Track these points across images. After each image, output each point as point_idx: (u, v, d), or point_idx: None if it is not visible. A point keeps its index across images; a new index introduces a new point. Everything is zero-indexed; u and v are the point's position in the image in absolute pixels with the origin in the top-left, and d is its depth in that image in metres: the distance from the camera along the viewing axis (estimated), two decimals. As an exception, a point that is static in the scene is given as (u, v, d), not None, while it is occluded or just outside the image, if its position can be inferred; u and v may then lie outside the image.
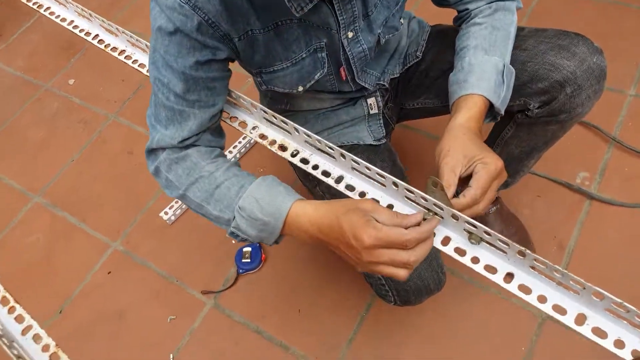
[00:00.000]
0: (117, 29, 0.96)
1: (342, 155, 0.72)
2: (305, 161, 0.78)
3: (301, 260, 1.34)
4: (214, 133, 0.82)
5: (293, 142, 0.80)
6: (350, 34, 0.84)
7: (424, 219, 0.65)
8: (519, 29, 0.91)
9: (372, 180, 0.72)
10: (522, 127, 0.98)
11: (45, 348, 0.59)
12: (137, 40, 0.94)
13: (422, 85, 1.05)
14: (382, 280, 0.93)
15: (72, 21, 1.06)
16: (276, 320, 1.27)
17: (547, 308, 0.60)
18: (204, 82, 0.76)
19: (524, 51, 0.88)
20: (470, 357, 1.15)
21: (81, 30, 1.04)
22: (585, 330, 0.58)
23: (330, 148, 0.73)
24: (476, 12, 0.89)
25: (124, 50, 0.98)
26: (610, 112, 1.44)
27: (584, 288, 0.57)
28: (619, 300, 0.55)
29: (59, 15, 1.07)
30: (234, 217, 0.74)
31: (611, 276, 1.18)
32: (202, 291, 1.34)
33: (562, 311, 0.60)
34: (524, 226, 1.26)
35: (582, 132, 1.42)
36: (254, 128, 0.84)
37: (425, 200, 0.65)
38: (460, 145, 0.72)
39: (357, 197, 0.73)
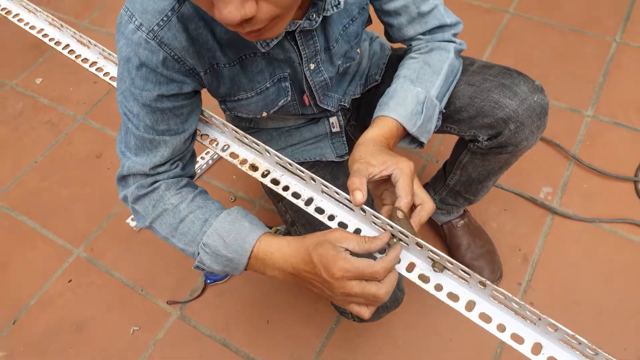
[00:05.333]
0: (89, 41, 0.94)
1: (312, 179, 0.73)
2: (276, 182, 0.78)
3: (269, 271, 1.35)
4: (187, 160, 0.82)
5: (264, 162, 0.80)
6: (312, 66, 0.83)
7: (389, 245, 0.67)
8: (470, 64, 0.93)
9: (341, 204, 0.73)
10: (476, 154, 1.01)
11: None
12: (109, 54, 0.92)
13: None
14: None
15: (42, 29, 1.03)
16: (243, 332, 1.26)
17: (505, 337, 0.62)
18: (171, 112, 0.74)
19: (471, 86, 0.90)
20: (433, 370, 1.18)
21: (51, 39, 1.01)
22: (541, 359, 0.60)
23: (301, 171, 0.73)
24: (414, 48, 0.90)
25: (96, 62, 0.96)
26: (570, 131, 1.49)
27: (540, 319, 0.59)
28: (571, 332, 0.57)
29: (27, 23, 1.04)
30: (199, 252, 0.73)
31: (572, 286, 1.23)
32: (168, 301, 1.33)
33: (520, 340, 0.62)
34: (491, 239, 1.29)
35: (546, 148, 1.47)
36: (225, 146, 0.83)
37: (392, 227, 0.66)
38: (371, 154, 0.73)
39: (326, 219, 0.73)
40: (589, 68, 1.61)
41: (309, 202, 0.75)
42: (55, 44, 0.99)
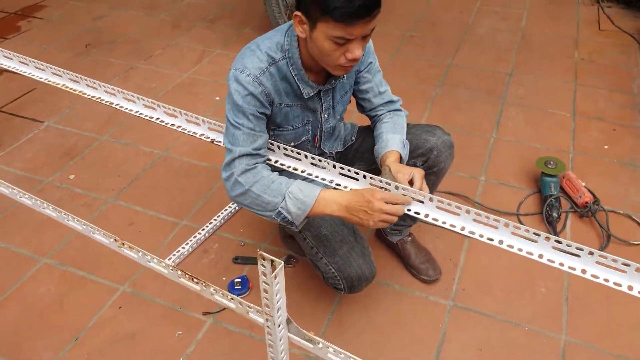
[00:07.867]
0: (179, 111, 1.54)
1: (334, 166, 1.33)
2: (309, 174, 1.37)
3: (279, 286, 1.82)
4: (267, 151, 1.40)
5: (301, 165, 1.39)
6: (325, 115, 1.50)
7: None
8: (408, 125, 1.63)
9: (354, 180, 1.32)
10: None
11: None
12: (195, 117, 1.52)
13: (355, 157, 1.72)
14: (335, 274, 1.47)
15: (139, 111, 1.62)
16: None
17: (457, 229, 1.20)
18: (259, 121, 1.35)
19: (411, 134, 1.60)
20: (407, 334, 1.66)
21: (154, 117, 1.59)
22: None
23: (327, 163, 1.33)
24: (382, 117, 1.60)
25: (180, 125, 1.55)
26: (472, 188, 2.22)
27: (467, 211, 1.20)
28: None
29: (131, 109, 1.62)
30: (283, 199, 1.28)
31: (485, 279, 1.82)
32: (202, 313, 1.73)
33: (460, 227, 1.20)
34: (430, 252, 1.88)
35: (458, 200, 2.16)
36: (276, 161, 1.42)
37: (397, 189, 1.26)
38: (401, 168, 1.36)
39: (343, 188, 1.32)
40: (478, 153, 2.41)
41: (331, 181, 1.34)
42: (159, 120, 1.58)
